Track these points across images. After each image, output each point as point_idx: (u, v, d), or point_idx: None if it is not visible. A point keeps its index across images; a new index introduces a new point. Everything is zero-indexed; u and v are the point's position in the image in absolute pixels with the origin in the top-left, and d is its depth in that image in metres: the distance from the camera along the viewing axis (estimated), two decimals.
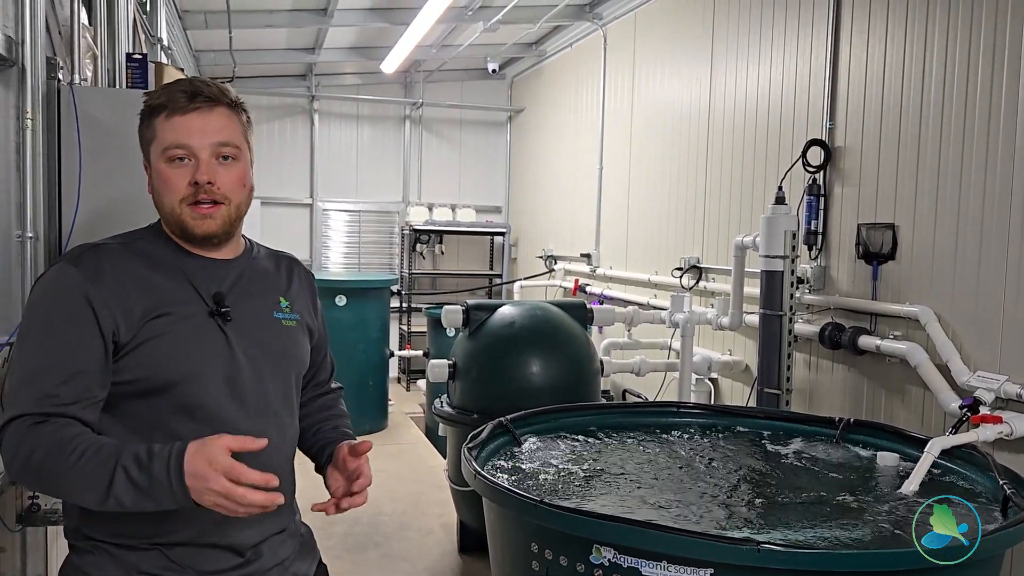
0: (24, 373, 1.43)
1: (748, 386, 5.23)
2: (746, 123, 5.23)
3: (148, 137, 1.55)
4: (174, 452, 1.32)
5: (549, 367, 4.38)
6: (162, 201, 1.55)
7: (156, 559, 1.50)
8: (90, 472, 1.34)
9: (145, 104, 1.56)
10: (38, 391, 1.40)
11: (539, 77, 9.28)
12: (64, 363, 1.42)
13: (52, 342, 1.44)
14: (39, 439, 1.37)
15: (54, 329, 1.44)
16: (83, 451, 1.35)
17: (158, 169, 1.54)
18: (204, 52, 7.87)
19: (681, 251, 5.96)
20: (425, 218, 9.65)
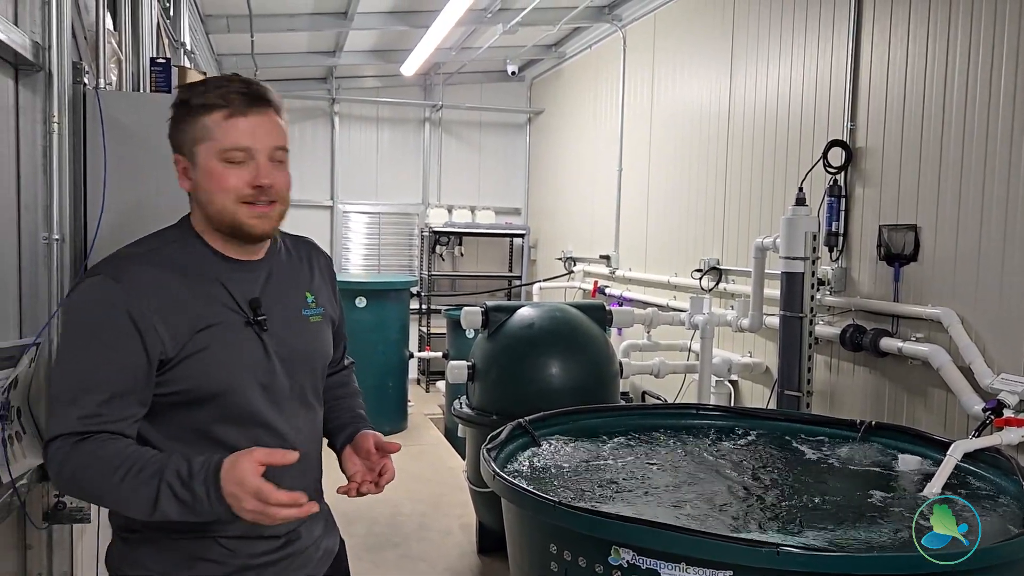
0: (67, 391, 1.45)
1: (768, 388, 5.20)
2: (766, 124, 5.21)
3: (197, 136, 1.54)
4: (211, 471, 1.38)
5: (568, 369, 4.38)
6: (212, 199, 1.55)
7: (209, 547, 1.56)
8: (135, 490, 1.38)
9: (191, 101, 1.54)
10: (81, 410, 1.42)
11: (559, 79, 9.28)
12: (109, 383, 1.44)
13: (96, 360, 1.45)
14: (83, 457, 1.41)
15: (98, 347, 1.45)
16: (128, 468, 1.39)
17: (210, 168, 1.54)
18: (226, 56, 7.95)
19: (701, 253, 5.94)
20: (444, 220, 9.68)
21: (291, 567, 1.67)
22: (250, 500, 1.34)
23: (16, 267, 2.13)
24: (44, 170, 2.14)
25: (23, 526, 2.16)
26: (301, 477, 1.62)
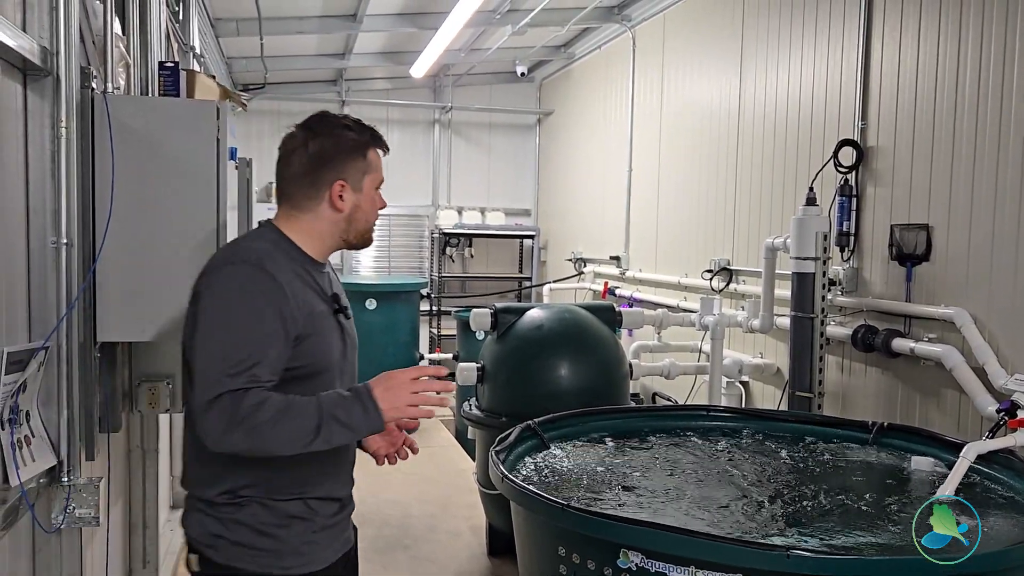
0: (224, 357, 1.70)
1: (780, 389, 5.17)
2: (776, 124, 5.18)
3: (362, 167, 1.92)
4: (362, 388, 1.76)
5: (577, 370, 4.37)
6: (365, 218, 1.96)
7: (299, 507, 1.86)
8: (301, 427, 1.69)
9: (367, 136, 1.96)
10: (239, 372, 1.69)
11: (568, 80, 9.27)
12: (261, 351, 1.73)
13: (248, 333, 1.73)
14: (247, 407, 1.66)
15: (251, 321, 1.74)
16: (286, 410, 1.69)
17: (371, 195, 1.96)
18: (236, 59, 7.98)
19: (711, 253, 5.91)
20: (455, 221, 9.68)
21: (345, 528, 2.03)
22: (404, 388, 1.74)
23: (25, 271, 2.14)
24: (52, 175, 2.15)
25: (33, 530, 2.16)
26: (347, 454, 1.99)
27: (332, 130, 1.93)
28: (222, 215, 2.58)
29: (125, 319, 2.50)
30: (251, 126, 9.46)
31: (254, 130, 9.49)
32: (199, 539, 1.84)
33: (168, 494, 5.07)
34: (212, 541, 1.82)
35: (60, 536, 2.22)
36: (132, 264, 2.48)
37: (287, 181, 1.96)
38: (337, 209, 1.90)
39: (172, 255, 2.54)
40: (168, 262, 2.54)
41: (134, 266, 2.48)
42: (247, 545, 1.82)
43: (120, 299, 2.47)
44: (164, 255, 2.53)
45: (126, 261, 2.46)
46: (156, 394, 3.10)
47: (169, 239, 2.52)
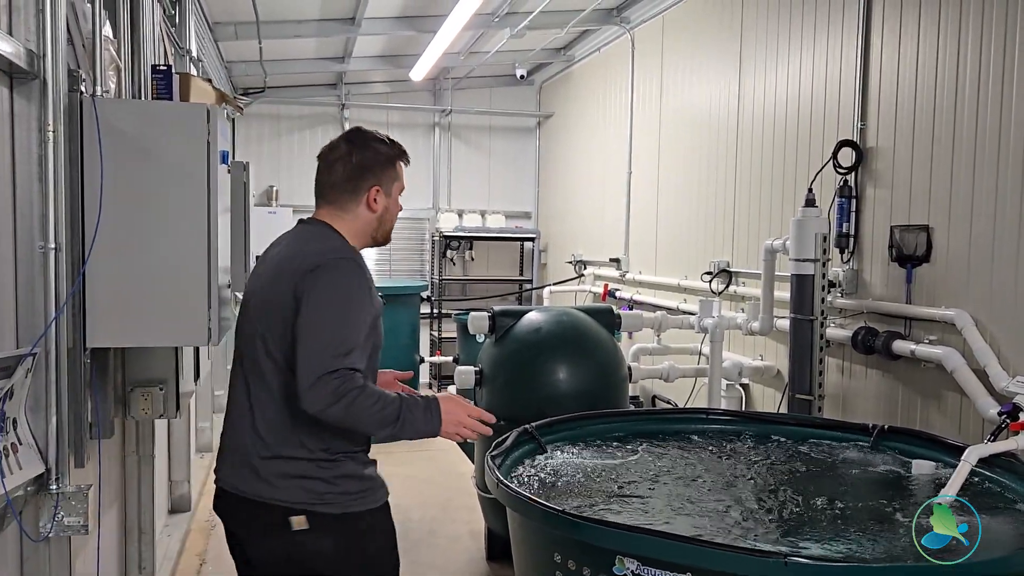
0: (337, 340, 2.07)
1: (780, 392, 5.14)
2: (776, 125, 5.16)
3: (392, 176, 2.34)
4: (431, 399, 2.17)
5: (576, 373, 4.34)
6: (391, 218, 2.38)
7: (364, 455, 2.30)
8: (386, 416, 2.06)
9: (397, 150, 2.37)
10: (346, 354, 2.05)
11: (567, 82, 9.25)
12: (359, 337, 2.12)
13: (356, 320, 2.13)
14: (352, 388, 2.02)
15: (358, 311, 2.14)
16: (379, 399, 2.06)
17: (396, 200, 2.38)
18: (235, 63, 7.96)
19: (711, 255, 5.88)
20: (455, 224, 9.66)
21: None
22: (463, 412, 2.19)
23: (12, 277, 2.11)
24: (40, 179, 2.12)
25: (20, 539, 2.14)
26: None
27: (370, 143, 2.33)
28: (213, 218, 2.55)
29: (116, 324, 2.47)
30: (251, 130, 9.46)
31: (254, 134, 9.49)
32: (306, 501, 2.16)
33: (166, 499, 5.06)
34: (320, 498, 2.17)
35: (48, 545, 2.19)
36: (122, 268, 2.45)
37: (331, 186, 2.35)
38: (372, 210, 2.31)
39: (163, 259, 2.51)
40: (159, 266, 2.52)
41: (124, 270, 2.45)
42: (352, 492, 2.23)
43: (110, 304, 2.45)
44: (155, 259, 2.50)
45: (116, 266, 2.44)
46: (150, 400, 3.08)
47: (160, 243, 2.50)
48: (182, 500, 5.18)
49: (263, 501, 2.17)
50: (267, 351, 2.19)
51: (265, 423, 2.18)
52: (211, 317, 2.57)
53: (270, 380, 2.18)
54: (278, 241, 2.41)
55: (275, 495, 2.16)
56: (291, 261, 2.22)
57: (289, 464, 2.17)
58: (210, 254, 2.54)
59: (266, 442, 2.17)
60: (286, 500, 2.15)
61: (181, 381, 3.22)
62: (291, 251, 2.28)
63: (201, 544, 4.91)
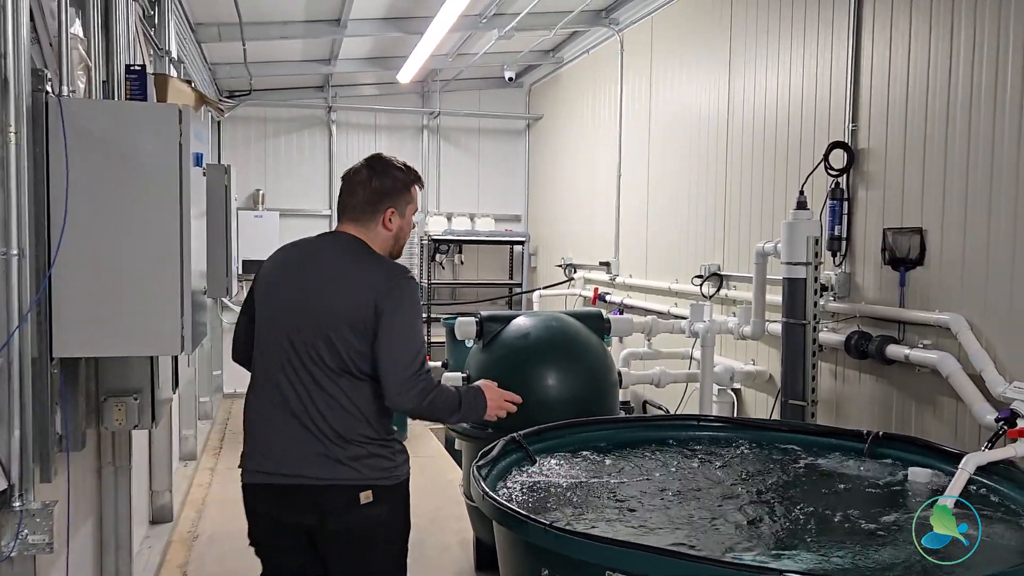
0: (420, 348, 2.49)
1: (772, 396, 5.07)
2: (766, 127, 5.09)
3: (407, 199, 2.66)
4: (478, 390, 2.69)
5: (565, 380, 4.26)
6: (404, 238, 2.70)
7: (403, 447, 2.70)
8: (452, 405, 2.56)
9: (412, 177, 2.69)
10: (424, 359, 2.48)
11: (556, 84, 9.19)
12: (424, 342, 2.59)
13: (422, 330, 2.57)
14: (435, 385, 2.50)
15: (422, 322, 2.60)
16: (448, 393, 2.55)
17: (409, 221, 2.70)
18: (220, 65, 7.86)
19: (701, 258, 5.82)
20: (444, 228, 9.58)
21: None
22: (500, 396, 2.73)
23: None
24: (1, 182, 2.03)
25: None
26: None
27: (389, 171, 2.64)
28: (186, 222, 2.46)
29: (83, 333, 2.38)
30: (237, 132, 9.36)
31: (240, 136, 9.38)
32: (376, 476, 2.51)
33: (147, 509, 4.95)
34: (386, 473, 2.56)
35: (12, 564, 2.10)
36: (90, 275, 2.35)
37: (353, 207, 2.62)
38: (388, 229, 2.62)
39: (133, 265, 2.42)
40: (129, 272, 2.42)
41: (92, 277, 2.36)
42: (401, 463, 2.63)
43: (78, 312, 2.35)
44: (124, 265, 2.41)
45: (83, 272, 2.34)
46: (124, 410, 2.98)
47: (129, 248, 2.40)
48: (163, 511, 5.07)
49: (334, 483, 2.47)
50: (330, 352, 2.47)
51: (349, 414, 2.49)
52: (184, 325, 2.48)
53: (331, 378, 2.49)
54: (303, 251, 2.67)
55: (348, 475, 2.48)
56: (357, 276, 2.54)
57: (366, 442, 2.51)
58: (183, 259, 2.45)
59: (337, 432, 2.47)
60: (364, 475, 2.49)
61: (158, 390, 3.12)
62: (344, 264, 2.57)
63: (183, 555, 4.81)
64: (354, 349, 2.45)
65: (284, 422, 2.49)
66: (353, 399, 2.48)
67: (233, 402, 9.12)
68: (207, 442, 7.26)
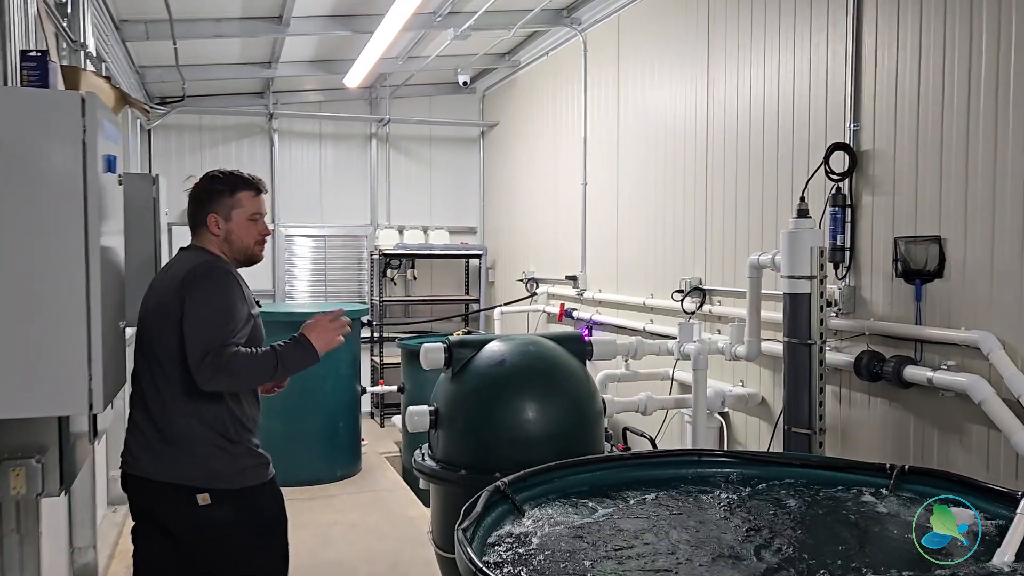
0: (212, 332, 2.58)
1: (763, 420, 4.68)
2: (752, 130, 4.72)
3: (231, 203, 2.75)
4: (300, 336, 2.70)
5: (546, 411, 3.79)
6: (241, 240, 2.79)
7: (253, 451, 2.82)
8: (266, 365, 2.61)
9: (239, 182, 2.78)
10: (226, 336, 2.59)
11: (512, 89, 8.75)
12: (240, 325, 2.68)
13: (232, 313, 2.68)
14: (229, 357, 2.54)
15: (232, 307, 2.70)
16: (251, 355, 2.59)
17: (241, 223, 2.77)
18: (149, 68, 7.23)
19: (680, 272, 5.42)
20: (395, 241, 9.04)
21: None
22: (326, 327, 2.71)
23: None
24: None
25: None
26: None
27: (208, 181, 2.80)
28: (93, 241, 1.92)
29: None
30: (170, 141, 8.70)
31: (174, 146, 8.73)
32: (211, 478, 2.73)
33: (67, 571, 4.32)
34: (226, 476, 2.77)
35: None
36: None
37: (189, 217, 2.85)
38: (215, 234, 2.77)
39: (22, 297, 1.87)
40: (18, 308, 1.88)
41: None
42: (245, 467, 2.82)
43: None
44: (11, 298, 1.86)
45: None
46: (23, 475, 2.41)
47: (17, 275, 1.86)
48: (87, 570, 4.44)
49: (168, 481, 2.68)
50: (161, 351, 2.63)
51: (159, 414, 2.65)
52: (93, 374, 1.94)
53: (163, 375, 2.64)
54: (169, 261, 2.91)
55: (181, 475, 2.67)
56: (171, 278, 2.70)
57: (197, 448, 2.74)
58: (89, 287, 1.92)
59: (164, 429, 2.67)
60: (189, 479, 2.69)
61: (68, 448, 2.56)
62: (170, 270, 2.78)
63: None
64: (173, 346, 2.61)
65: (132, 419, 2.73)
66: (179, 399, 2.64)
67: None
68: None
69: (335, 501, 6.19)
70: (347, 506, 6.07)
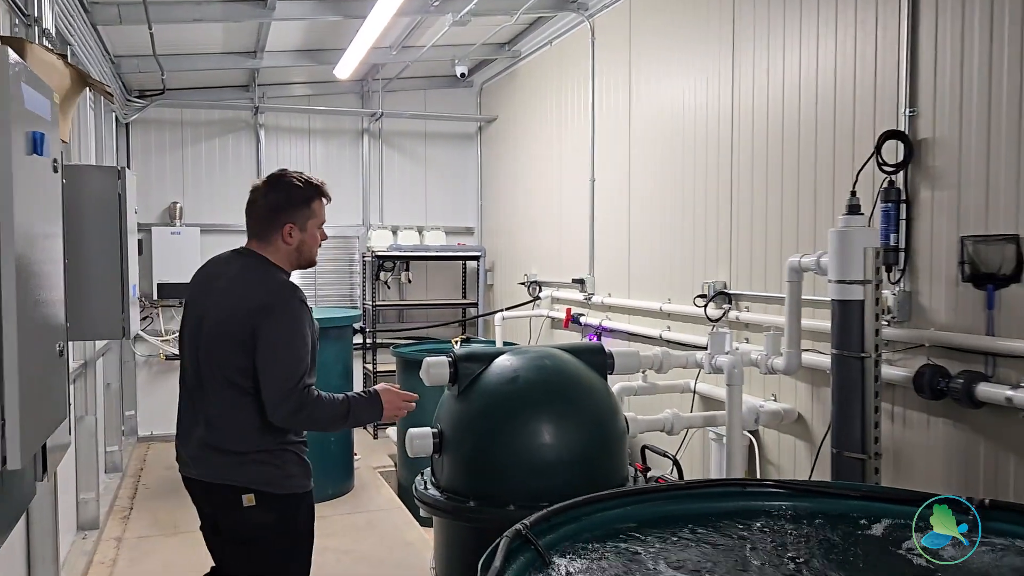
0: (296, 364, 2.72)
1: (799, 439, 4.25)
2: (785, 118, 4.28)
3: (307, 214, 2.79)
4: (372, 391, 2.87)
5: (566, 434, 3.33)
6: (309, 250, 2.86)
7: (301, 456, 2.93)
8: (337, 413, 2.76)
9: (316, 191, 2.81)
10: (303, 374, 2.74)
11: (512, 82, 8.30)
12: (309, 357, 2.82)
13: (303, 347, 2.78)
14: (312, 400, 2.71)
15: (303, 340, 2.80)
16: (330, 401, 2.74)
17: (313, 233, 2.83)
18: (126, 58, 6.75)
19: (702, 275, 4.98)
20: (389, 243, 8.58)
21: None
22: (398, 399, 2.91)
23: None
24: None
25: None
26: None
27: (285, 186, 2.76)
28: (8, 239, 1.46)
29: None
30: (149, 137, 8.22)
31: (153, 142, 8.25)
32: (260, 481, 2.73)
33: None
34: (273, 480, 2.77)
35: None
36: None
37: (254, 223, 2.84)
38: (287, 244, 2.77)
39: None
40: None
41: None
42: (293, 475, 2.83)
43: None
44: None
45: None
46: None
47: None
48: None
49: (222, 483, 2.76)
50: (219, 365, 2.70)
51: (223, 424, 2.73)
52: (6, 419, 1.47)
53: (220, 389, 2.71)
54: (216, 267, 2.91)
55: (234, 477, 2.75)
56: (243, 293, 2.72)
57: (245, 454, 2.75)
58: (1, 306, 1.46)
59: (225, 438, 2.73)
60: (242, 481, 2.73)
61: None
62: (236, 282, 2.77)
63: None
64: (236, 363, 2.64)
65: (183, 421, 2.84)
66: (237, 410, 2.67)
67: (149, 446, 7.94)
68: (114, 502, 6.10)
69: (326, 523, 5.72)
70: (339, 529, 5.62)
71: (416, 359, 6.83)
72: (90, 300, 3.37)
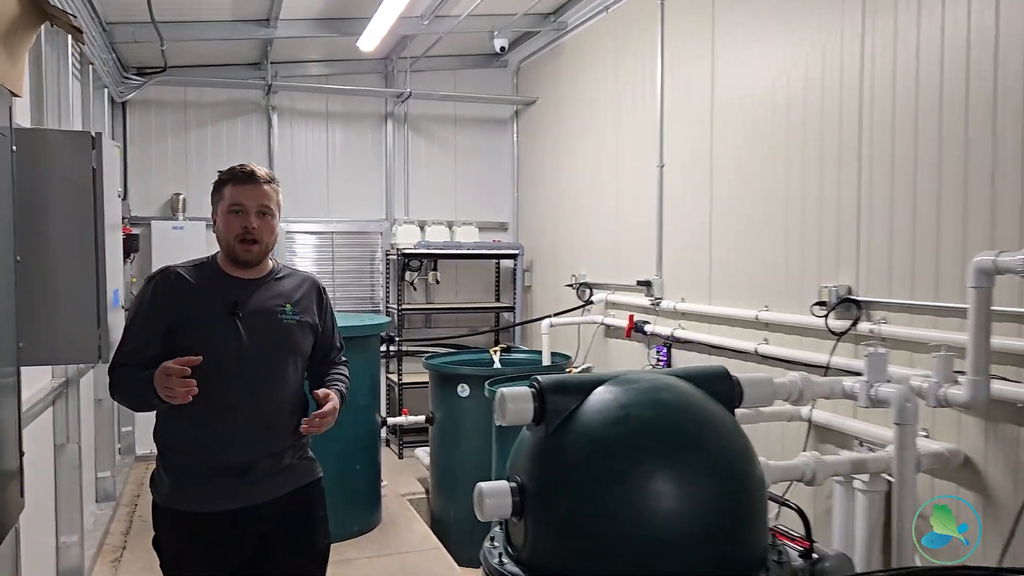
0: (122, 343, 2.70)
1: (963, 488, 3.35)
2: (945, 87, 3.39)
3: (218, 198, 2.68)
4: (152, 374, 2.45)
5: (696, 494, 2.40)
6: (222, 239, 2.66)
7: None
8: (133, 387, 2.52)
9: (227, 175, 2.67)
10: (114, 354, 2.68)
11: (556, 59, 7.41)
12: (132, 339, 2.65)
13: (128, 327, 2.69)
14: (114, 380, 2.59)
15: (130, 320, 2.70)
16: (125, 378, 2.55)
17: (224, 216, 2.66)
18: (119, 25, 5.90)
19: (815, 277, 4.10)
20: (416, 239, 7.72)
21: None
22: (166, 380, 2.36)
23: None
24: None
25: None
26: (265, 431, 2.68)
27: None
28: None
29: None
30: (149, 120, 7.37)
31: (154, 125, 7.40)
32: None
33: None
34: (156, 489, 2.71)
35: None
36: None
37: None
38: (215, 231, 2.72)
39: None
40: None
41: None
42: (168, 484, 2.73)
43: None
44: None
45: None
46: None
47: None
48: None
49: None
50: None
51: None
52: None
53: None
54: None
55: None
56: None
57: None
58: None
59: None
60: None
61: None
62: None
63: None
64: None
65: None
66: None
67: (148, 466, 7.07)
68: (104, 540, 5.22)
69: (352, 569, 4.86)
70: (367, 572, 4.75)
71: (454, 373, 5.98)
72: (54, 311, 2.50)
